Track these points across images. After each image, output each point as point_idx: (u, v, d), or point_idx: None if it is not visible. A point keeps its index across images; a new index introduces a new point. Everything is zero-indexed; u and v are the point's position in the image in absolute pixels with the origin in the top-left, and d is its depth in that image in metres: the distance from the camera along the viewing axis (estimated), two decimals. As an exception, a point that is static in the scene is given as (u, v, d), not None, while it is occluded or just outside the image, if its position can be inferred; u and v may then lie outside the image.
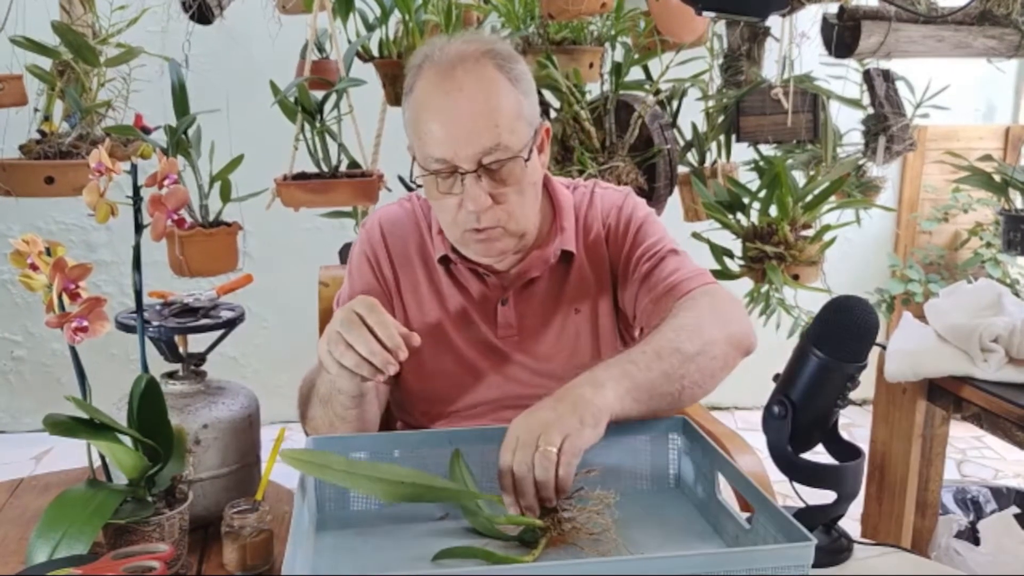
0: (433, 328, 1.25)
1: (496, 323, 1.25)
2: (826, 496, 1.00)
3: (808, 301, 1.82)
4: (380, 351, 0.96)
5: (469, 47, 1.12)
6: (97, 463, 1.03)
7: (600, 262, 1.26)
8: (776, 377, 1.05)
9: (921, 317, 1.95)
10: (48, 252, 0.95)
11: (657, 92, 2.08)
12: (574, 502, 0.91)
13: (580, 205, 1.28)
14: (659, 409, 1.03)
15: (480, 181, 1.10)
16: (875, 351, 1.04)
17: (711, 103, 2.21)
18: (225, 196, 1.64)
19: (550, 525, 0.90)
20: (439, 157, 1.10)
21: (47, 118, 1.73)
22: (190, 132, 1.62)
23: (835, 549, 1.01)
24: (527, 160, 1.13)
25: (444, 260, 1.25)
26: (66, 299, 0.94)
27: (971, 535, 1.97)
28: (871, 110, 2.19)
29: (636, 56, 2.10)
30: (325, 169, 1.76)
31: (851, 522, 1.84)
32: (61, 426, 0.91)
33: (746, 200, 1.97)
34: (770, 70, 2.17)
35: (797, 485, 1.02)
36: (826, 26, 2.07)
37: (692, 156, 2.24)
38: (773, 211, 1.92)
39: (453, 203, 1.13)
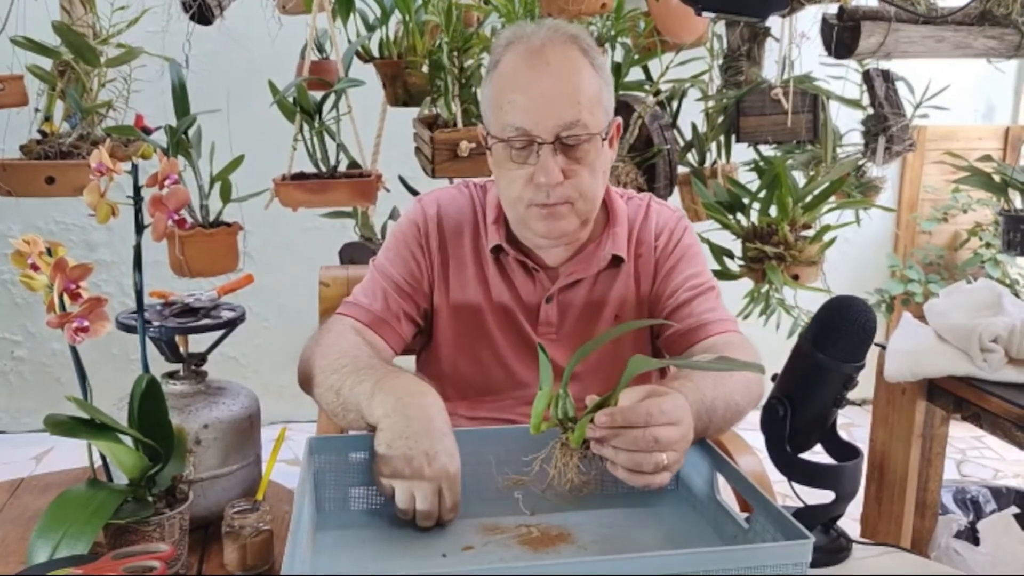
0: (473, 314, 1.27)
1: (537, 319, 1.26)
2: (825, 496, 1.00)
3: (808, 301, 1.82)
4: (433, 518, 0.95)
5: (557, 32, 1.16)
6: (98, 463, 1.03)
7: (647, 276, 1.29)
8: (775, 377, 1.05)
9: (921, 317, 1.96)
10: (49, 252, 0.95)
11: (657, 92, 2.08)
12: (594, 459, 0.93)
13: (635, 217, 1.31)
14: None
15: (555, 155, 1.12)
16: (874, 351, 1.04)
17: (711, 103, 2.21)
18: (225, 196, 1.64)
19: (575, 447, 0.91)
20: (519, 126, 1.12)
21: (48, 118, 1.73)
22: (190, 132, 1.62)
23: (834, 549, 1.01)
24: (603, 141, 1.16)
25: (496, 249, 1.26)
26: (67, 299, 0.93)
27: (971, 535, 1.97)
28: (871, 110, 2.19)
29: (636, 56, 2.09)
30: (323, 169, 1.76)
31: (850, 522, 1.84)
32: (62, 426, 0.91)
33: (746, 200, 1.97)
34: (770, 70, 2.17)
35: (796, 485, 1.02)
36: (826, 26, 2.06)
37: (692, 156, 2.23)
38: (773, 211, 1.91)
39: (523, 175, 1.15)
